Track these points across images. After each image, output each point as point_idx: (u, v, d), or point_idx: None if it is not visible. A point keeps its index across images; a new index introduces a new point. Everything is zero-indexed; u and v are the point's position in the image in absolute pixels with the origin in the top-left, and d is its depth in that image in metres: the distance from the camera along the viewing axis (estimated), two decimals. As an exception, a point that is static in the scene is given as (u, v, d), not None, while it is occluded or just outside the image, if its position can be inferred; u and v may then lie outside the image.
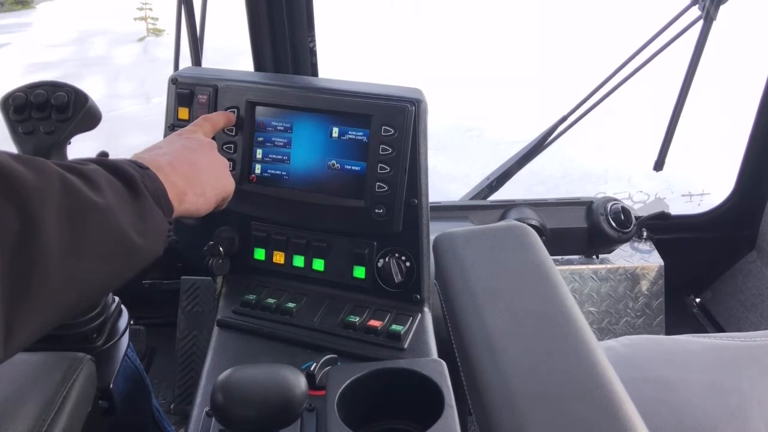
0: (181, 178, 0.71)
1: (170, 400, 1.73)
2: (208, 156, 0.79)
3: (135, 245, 0.58)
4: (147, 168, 0.66)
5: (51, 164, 0.54)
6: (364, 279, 0.95)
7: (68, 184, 0.53)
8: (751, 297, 1.89)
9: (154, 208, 0.63)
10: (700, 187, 2.02)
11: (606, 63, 1.73)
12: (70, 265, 0.51)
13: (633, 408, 0.63)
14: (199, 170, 0.75)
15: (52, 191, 0.51)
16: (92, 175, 0.57)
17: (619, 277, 1.81)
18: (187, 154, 0.76)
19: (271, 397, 0.66)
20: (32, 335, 0.50)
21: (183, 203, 0.71)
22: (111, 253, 0.56)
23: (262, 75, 1.34)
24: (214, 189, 0.77)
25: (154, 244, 0.62)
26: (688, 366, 1.03)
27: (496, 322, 0.75)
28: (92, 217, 0.54)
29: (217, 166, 0.80)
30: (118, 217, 0.57)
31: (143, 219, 0.60)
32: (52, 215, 0.50)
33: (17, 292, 0.47)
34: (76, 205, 0.53)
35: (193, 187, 0.73)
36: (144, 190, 0.62)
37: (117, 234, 0.56)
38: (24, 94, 0.95)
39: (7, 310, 0.47)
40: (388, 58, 6.43)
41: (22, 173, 0.49)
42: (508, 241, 0.89)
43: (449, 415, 0.64)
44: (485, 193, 1.82)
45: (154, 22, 7.82)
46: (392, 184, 0.90)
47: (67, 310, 0.54)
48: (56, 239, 0.50)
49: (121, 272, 0.59)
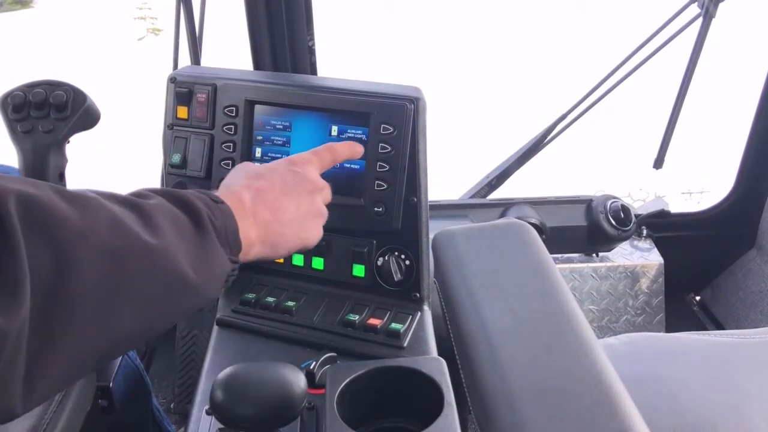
0: (257, 227, 0.66)
1: (170, 399, 1.74)
2: (304, 204, 0.72)
3: (189, 285, 0.54)
4: (221, 202, 0.62)
5: (102, 201, 0.50)
6: (363, 277, 0.95)
7: (117, 223, 0.49)
8: (750, 295, 1.89)
9: (217, 247, 0.58)
10: (699, 185, 2.03)
11: (606, 61, 1.73)
12: (105, 311, 0.47)
13: (632, 404, 0.63)
14: (281, 219, 0.69)
15: (97, 231, 0.47)
16: (150, 212, 0.53)
17: (618, 275, 1.81)
18: (280, 195, 0.69)
19: (271, 396, 0.66)
20: (55, 386, 0.46)
21: (248, 255, 0.65)
22: (158, 297, 0.52)
23: (261, 74, 1.33)
24: (288, 242, 0.70)
25: (212, 286, 0.58)
26: (688, 363, 1.04)
27: (495, 319, 0.75)
28: (140, 260, 0.50)
29: (309, 216, 0.72)
30: (173, 257, 0.52)
31: (204, 258, 0.56)
32: (92, 257, 0.46)
33: (44, 338, 0.43)
34: (124, 246, 0.49)
35: (266, 239, 0.67)
36: (209, 227, 0.57)
37: (169, 276, 0.52)
38: (22, 93, 0.95)
39: (29, 360, 0.42)
40: (388, 57, 6.43)
41: (62, 211, 0.46)
42: (506, 239, 0.89)
43: (449, 413, 0.64)
44: (485, 192, 1.82)
45: (154, 22, 7.82)
46: (391, 182, 0.89)
47: (98, 359, 0.49)
48: (94, 283, 0.46)
49: (168, 316, 0.55)
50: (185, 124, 0.99)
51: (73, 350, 0.46)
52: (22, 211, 0.43)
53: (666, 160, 1.73)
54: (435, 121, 1.06)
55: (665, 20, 1.58)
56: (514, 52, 6.62)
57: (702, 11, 1.52)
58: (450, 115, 4.72)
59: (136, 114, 4.31)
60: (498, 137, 3.60)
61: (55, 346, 0.44)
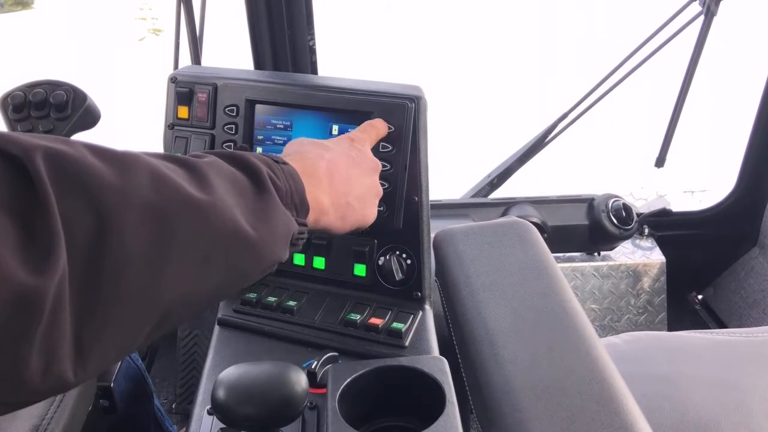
0: (330, 194, 0.65)
1: (172, 399, 1.74)
2: (368, 181, 0.72)
3: (248, 243, 0.51)
4: (284, 163, 0.60)
5: (144, 158, 0.47)
6: (364, 277, 0.95)
7: (161, 179, 0.46)
8: (753, 293, 1.89)
9: (279, 207, 0.55)
10: (701, 184, 2.02)
11: (607, 59, 1.73)
12: (154, 273, 0.44)
13: (633, 402, 0.63)
14: (353, 191, 0.69)
15: (138, 189, 0.44)
16: (201, 169, 0.50)
17: (620, 274, 1.80)
18: (349, 168, 0.69)
19: (272, 396, 0.66)
20: (110, 355, 0.44)
21: (320, 222, 0.64)
22: (213, 256, 0.48)
23: (262, 73, 1.33)
24: (356, 216, 0.70)
25: (276, 247, 0.55)
26: (690, 362, 1.03)
27: (497, 318, 0.75)
28: (187, 217, 0.47)
29: (371, 193, 0.73)
30: (228, 213, 0.49)
31: (263, 218, 0.53)
32: (134, 217, 0.43)
33: (89, 303, 0.41)
34: (168, 203, 0.46)
35: (339, 208, 0.67)
36: (269, 186, 0.55)
37: (223, 233, 0.49)
38: (23, 93, 0.95)
39: (76, 324, 0.40)
40: (388, 56, 6.43)
41: (99, 170, 0.43)
42: (508, 237, 0.89)
43: (450, 413, 0.64)
44: (486, 191, 1.82)
45: (154, 22, 7.82)
46: (392, 181, 0.89)
47: (153, 326, 0.46)
48: (139, 244, 0.43)
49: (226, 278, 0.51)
50: (186, 123, 0.99)
51: (125, 318, 0.43)
52: (51, 166, 0.40)
53: (668, 159, 1.73)
54: (436, 121, 1.06)
55: (667, 18, 1.58)
56: (515, 52, 6.62)
57: (703, 9, 1.52)
58: (451, 114, 4.72)
59: (136, 114, 4.31)
60: (499, 136, 3.60)
61: (104, 310, 0.42)
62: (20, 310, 0.37)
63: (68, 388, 0.42)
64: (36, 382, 0.39)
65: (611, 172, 3.86)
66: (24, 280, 0.37)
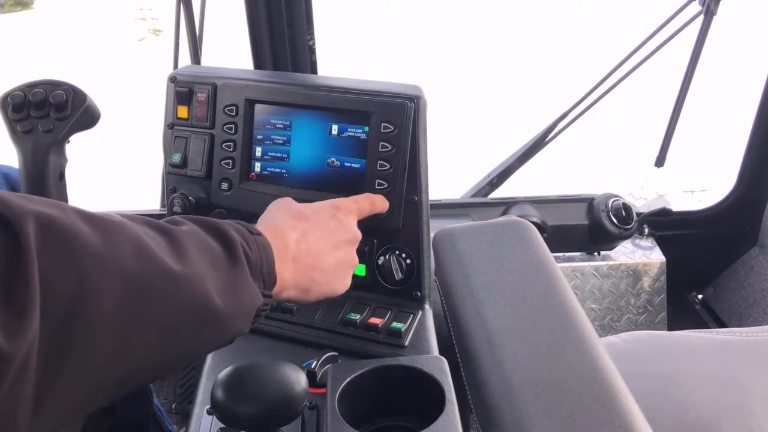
0: (294, 271, 0.66)
1: (171, 399, 1.74)
2: (343, 254, 0.73)
3: (216, 316, 0.52)
4: (258, 234, 0.61)
5: (128, 224, 0.49)
6: (364, 276, 0.95)
7: (141, 247, 0.48)
8: (753, 293, 1.89)
9: (248, 280, 0.57)
10: (701, 183, 2.02)
11: (607, 59, 1.73)
12: (122, 338, 0.45)
13: (633, 402, 0.63)
14: (320, 266, 0.69)
15: (119, 255, 0.46)
16: (180, 238, 0.52)
17: (620, 273, 1.80)
18: (320, 240, 0.70)
19: (272, 395, 0.66)
20: (66, 415, 0.44)
21: (280, 295, 0.66)
22: (181, 326, 0.50)
23: (261, 73, 1.33)
24: (321, 290, 0.71)
25: (241, 319, 0.57)
26: (690, 361, 1.03)
27: (496, 317, 0.75)
28: (161, 287, 0.48)
29: (343, 267, 0.73)
30: (200, 286, 0.51)
31: (233, 289, 0.55)
32: (112, 282, 0.45)
33: (54, 367, 0.41)
34: (146, 272, 0.47)
35: (301, 284, 0.68)
36: (241, 258, 0.56)
37: (193, 304, 0.50)
38: (22, 93, 0.95)
39: (38, 386, 0.41)
40: (388, 56, 6.43)
41: (84, 234, 0.44)
42: (507, 237, 0.89)
43: (450, 412, 0.64)
44: (486, 191, 1.82)
45: (154, 23, 7.82)
46: (392, 181, 0.89)
47: (114, 389, 0.47)
48: (113, 308, 0.44)
49: (190, 347, 0.53)
50: (185, 123, 0.99)
51: (88, 379, 0.44)
52: (40, 232, 0.42)
53: (667, 159, 1.73)
54: (435, 120, 1.06)
55: (666, 18, 1.58)
56: (515, 51, 6.61)
57: (703, 9, 1.52)
58: (451, 113, 4.72)
59: (136, 113, 4.31)
60: (499, 136, 3.60)
61: (67, 373, 0.42)
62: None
63: None
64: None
65: (611, 172, 3.86)
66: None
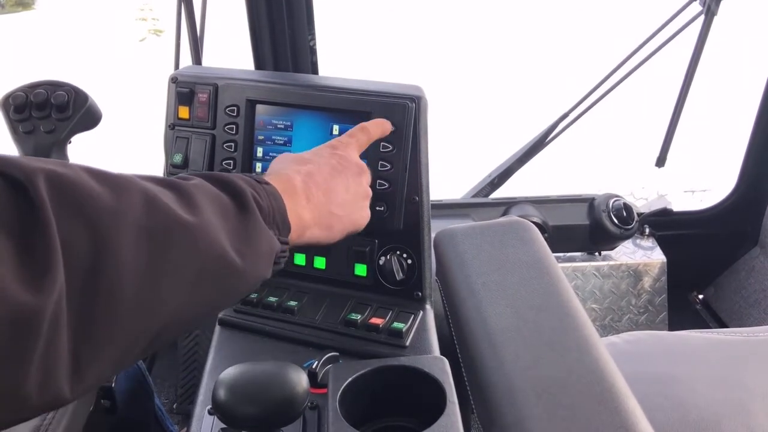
0: (311, 208, 0.66)
1: (172, 399, 1.74)
2: (352, 184, 0.73)
3: (233, 266, 0.53)
4: (266, 183, 0.61)
5: (137, 180, 0.49)
6: (365, 277, 0.95)
7: (153, 201, 0.48)
8: (753, 293, 1.89)
9: (262, 227, 0.57)
10: (702, 183, 2.02)
11: (608, 59, 1.73)
12: (148, 290, 0.46)
13: (635, 402, 0.63)
14: (335, 200, 0.70)
15: (131, 210, 0.46)
16: (189, 191, 0.52)
17: (621, 273, 1.80)
18: (329, 178, 0.70)
19: (273, 395, 0.66)
20: (105, 370, 0.45)
21: (303, 237, 0.66)
22: (202, 277, 0.50)
23: (263, 73, 1.33)
24: (343, 223, 0.71)
25: (259, 267, 0.57)
26: (691, 361, 1.03)
27: (497, 317, 0.75)
28: (178, 238, 0.48)
29: (358, 197, 0.74)
30: (214, 236, 0.51)
31: (247, 239, 0.55)
32: (128, 236, 0.45)
33: (86, 320, 0.42)
34: (160, 225, 0.48)
35: (321, 220, 0.68)
36: (252, 207, 0.57)
37: (210, 255, 0.51)
38: (24, 94, 0.95)
39: (74, 341, 0.41)
40: (388, 56, 6.43)
41: (94, 191, 0.45)
42: (508, 237, 0.89)
43: (451, 412, 0.64)
44: (487, 191, 1.82)
45: (155, 23, 7.83)
46: (393, 181, 0.89)
47: (148, 342, 0.48)
48: (132, 263, 0.44)
49: (214, 297, 0.53)
50: (186, 124, 0.99)
51: (121, 332, 0.44)
52: (51, 188, 0.42)
53: (668, 159, 1.73)
54: (436, 120, 1.06)
55: (667, 18, 1.58)
56: (516, 51, 6.61)
57: (704, 9, 1.52)
58: (451, 113, 4.72)
59: (137, 114, 4.31)
60: (499, 136, 3.60)
61: (101, 327, 0.43)
62: (19, 328, 0.38)
63: (64, 403, 0.43)
64: (33, 398, 0.40)
65: (612, 172, 3.86)
66: (23, 299, 0.38)
